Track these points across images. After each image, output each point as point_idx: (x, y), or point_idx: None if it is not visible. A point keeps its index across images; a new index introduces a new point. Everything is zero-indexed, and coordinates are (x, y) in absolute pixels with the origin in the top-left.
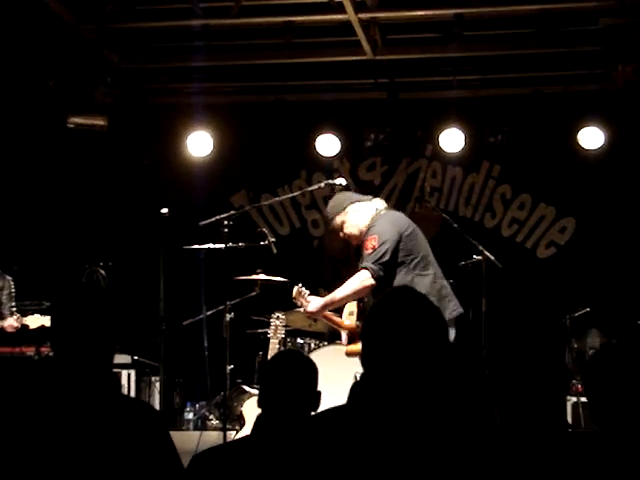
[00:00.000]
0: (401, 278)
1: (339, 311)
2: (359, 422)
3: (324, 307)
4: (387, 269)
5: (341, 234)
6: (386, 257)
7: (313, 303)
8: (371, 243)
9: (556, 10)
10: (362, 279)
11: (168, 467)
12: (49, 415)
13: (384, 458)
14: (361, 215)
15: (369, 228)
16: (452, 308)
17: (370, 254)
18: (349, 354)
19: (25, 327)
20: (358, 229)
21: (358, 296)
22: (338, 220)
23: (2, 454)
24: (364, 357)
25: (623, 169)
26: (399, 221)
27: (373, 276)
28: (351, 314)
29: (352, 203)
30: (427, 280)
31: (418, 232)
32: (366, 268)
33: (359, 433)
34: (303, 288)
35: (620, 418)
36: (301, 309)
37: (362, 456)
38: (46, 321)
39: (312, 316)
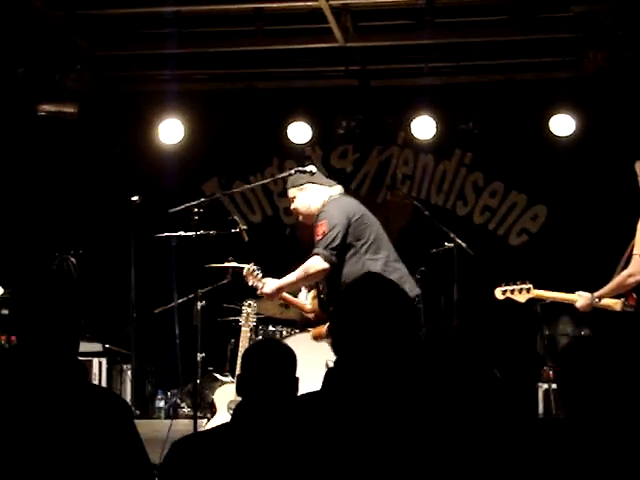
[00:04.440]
0: (352, 263)
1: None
2: (334, 407)
3: (279, 290)
4: (338, 253)
5: (291, 207)
6: (336, 242)
7: (269, 285)
8: (321, 229)
9: None
10: (314, 264)
11: (132, 457)
12: (14, 403)
13: (359, 441)
14: (314, 197)
15: (319, 214)
16: (408, 289)
17: (320, 240)
18: (315, 337)
19: None
20: (307, 208)
21: (311, 280)
22: (291, 193)
23: None
24: (335, 344)
25: (595, 156)
26: (348, 206)
27: (325, 260)
28: (314, 298)
29: (312, 183)
30: (379, 264)
31: (369, 217)
32: (317, 254)
33: (334, 417)
34: (255, 268)
35: (588, 406)
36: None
37: (338, 439)
38: None
39: (267, 298)
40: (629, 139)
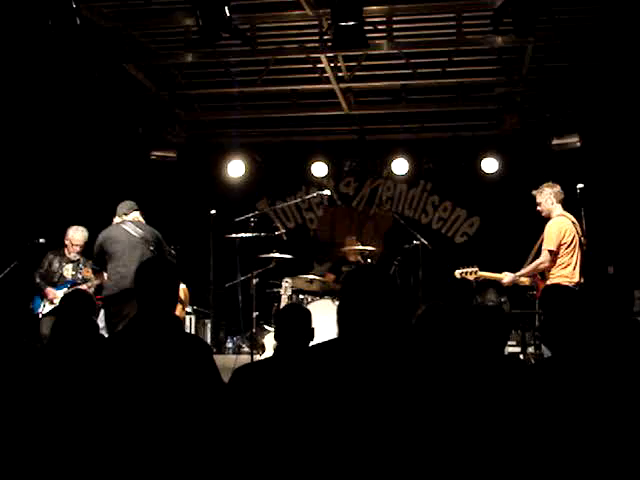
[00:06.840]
0: (108, 268)
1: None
2: (346, 350)
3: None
4: (98, 262)
5: None
6: (94, 254)
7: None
8: None
9: (467, 82)
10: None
11: (212, 380)
12: (138, 346)
13: (365, 377)
14: (115, 220)
15: None
16: (121, 286)
17: None
18: None
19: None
20: None
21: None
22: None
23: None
24: (342, 310)
25: (511, 186)
26: (107, 232)
27: (92, 266)
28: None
29: (121, 210)
30: (112, 269)
31: (120, 237)
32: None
33: (345, 358)
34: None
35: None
36: (304, 275)
37: (349, 374)
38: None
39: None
40: (534, 175)
